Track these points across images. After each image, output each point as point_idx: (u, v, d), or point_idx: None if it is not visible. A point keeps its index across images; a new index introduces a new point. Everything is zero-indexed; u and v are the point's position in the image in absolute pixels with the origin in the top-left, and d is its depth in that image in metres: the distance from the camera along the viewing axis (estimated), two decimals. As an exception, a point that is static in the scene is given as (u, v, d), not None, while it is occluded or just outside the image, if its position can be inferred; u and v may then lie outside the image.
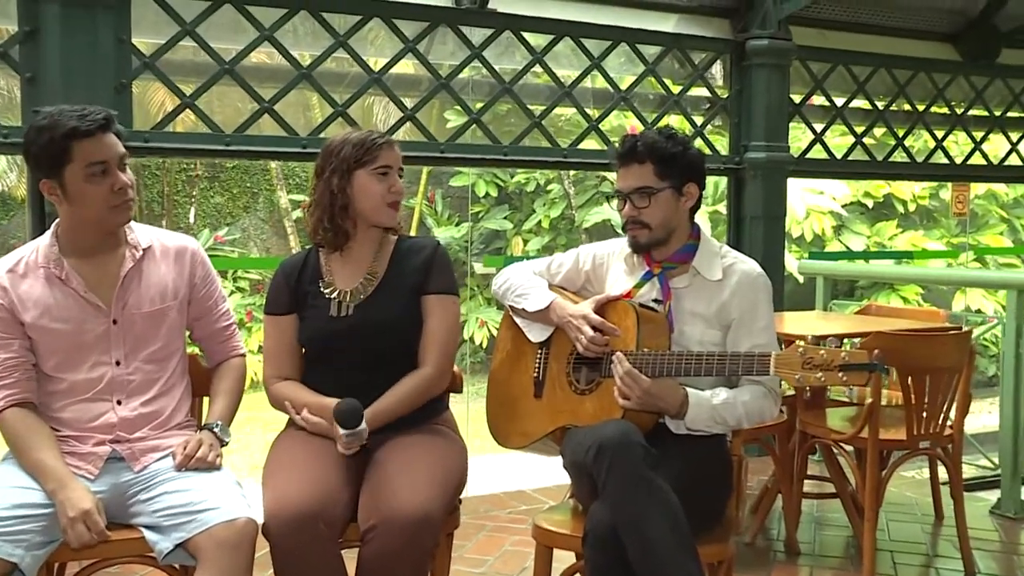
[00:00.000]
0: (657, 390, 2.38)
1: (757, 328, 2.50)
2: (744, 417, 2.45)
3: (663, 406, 2.41)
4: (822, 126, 5.56)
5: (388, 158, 2.53)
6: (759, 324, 2.51)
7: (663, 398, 2.39)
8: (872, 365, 2.18)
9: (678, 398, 2.41)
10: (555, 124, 12.01)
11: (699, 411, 2.42)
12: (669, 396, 2.40)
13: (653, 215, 2.55)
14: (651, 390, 2.37)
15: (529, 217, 13.47)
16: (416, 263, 2.53)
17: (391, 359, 2.47)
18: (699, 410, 2.42)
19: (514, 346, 2.77)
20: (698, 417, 2.42)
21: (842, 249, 12.39)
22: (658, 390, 2.38)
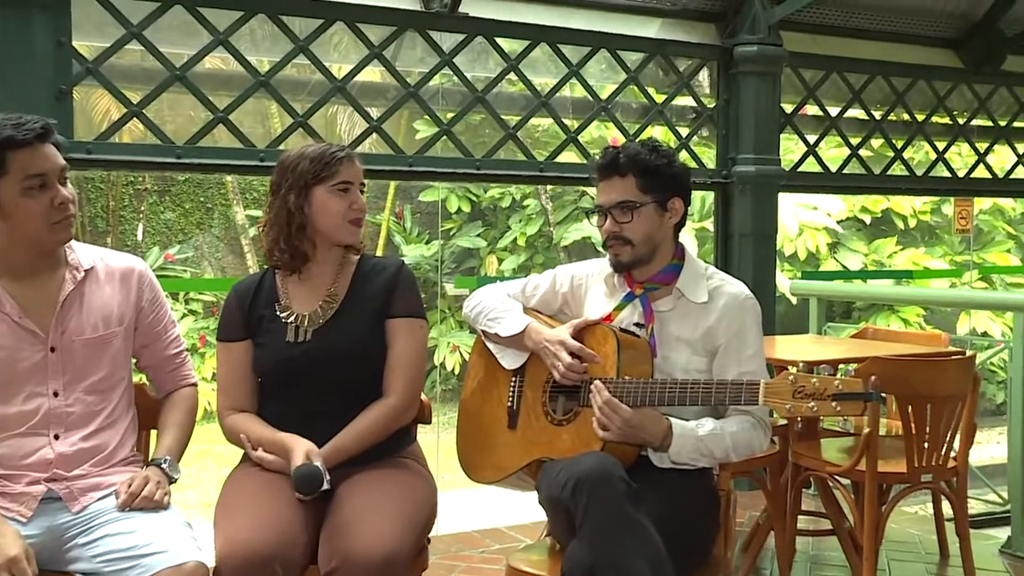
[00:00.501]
0: (638, 420, 2.39)
1: (745, 355, 2.53)
2: (732, 449, 2.47)
3: (645, 437, 2.42)
4: (815, 137, 5.61)
5: (348, 173, 2.54)
6: (747, 351, 2.53)
7: (645, 429, 2.41)
8: (867, 394, 2.20)
9: (661, 429, 2.42)
10: (531, 135, 12.04)
11: (683, 443, 2.43)
12: (651, 427, 2.41)
13: (635, 231, 2.57)
14: (632, 420, 2.39)
15: (504, 234, 13.47)
16: (379, 284, 2.54)
17: (353, 388, 2.47)
18: (683, 441, 2.43)
19: (486, 374, 2.78)
20: (683, 449, 2.44)
21: (838, 268, 12.46)
22: (639, 420, 2.40)
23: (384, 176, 4.81)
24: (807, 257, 12.20)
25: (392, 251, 13.52)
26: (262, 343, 2.52)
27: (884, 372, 3.09)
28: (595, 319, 2.61)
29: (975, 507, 5.14)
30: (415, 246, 13.64)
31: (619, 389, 2.43)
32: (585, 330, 2.60)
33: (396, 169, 4.54)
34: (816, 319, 5.36)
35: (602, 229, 2.63)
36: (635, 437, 2.41)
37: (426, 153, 4.62)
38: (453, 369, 12.38)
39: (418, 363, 2.54)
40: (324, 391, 2.45)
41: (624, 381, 2.44)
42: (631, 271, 2.63)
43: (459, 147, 4.67)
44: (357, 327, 2.50)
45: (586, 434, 2.45)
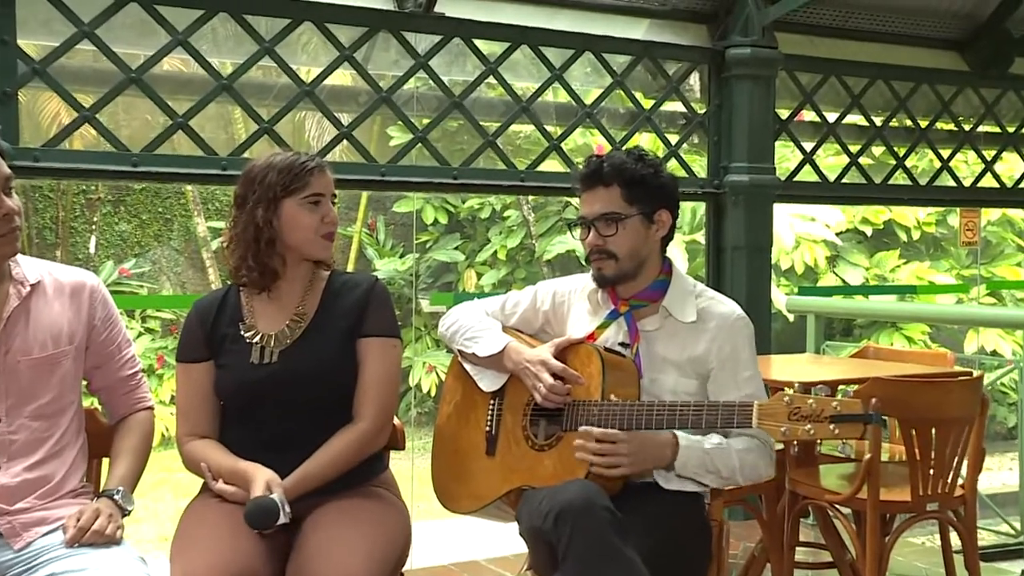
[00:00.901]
0: (640, 440, 2.41)
1: (742, 379, 2.56)
2: (738, 469, 2.49)
3: (653, 455, 2.44)
4: (812, 145, 5.64)
5: (319, 184, 2.54)
6: (743, 374, 2.56)
7: (646, 448, 2.43)
8: (867, 416, 2.22)
9: (665, 441, 2.45)
10: (512, 143, 12.09)
11: (690, 454, 2.46)
12: (654, 443, 2.44)
13: (620, 244, 2.59)
14: (634, 442, 2.40)
15: (483, 247, 13.50)
16: (351, 302, 2.54)
17: (322, 412, 2.46)
18: (689, 453, 2.46)
19: (463, 396, 2.78)
20: (688, 461, 2.46)
21: (837, 283, 12.52)
22: (641, 440, 2.42)
23: (356, 186, 4.81)
24: (804, 271, 12.25)
25: (364, 265, 13.51)
26: (225, 364, 2.52)
27: (886, 394, 3.10)
28: (578, 338, 2.62)
29: (986, 538, 5.14)
30: (389, 260, 13.64)
31: (604, 412, 2.44)
32: (568, 349, 2.61)
33: (368, 179, 4.54)
34: (814, 337, 5.39)
35: (585, 242, 2.65)
36: (645, 462, 2.44)
37: (400, 161, 4.62)
38: (429, 391, 12.36)
39: (391, 385, 2.54)
40: (291, 416, 2.45)
41: (609, 403, 2.45)
42: (615, 287, 2.65)
43: (435, 155, 4.68)
44: (326, 347, 2.49)
45: (569, 460, 2.46)
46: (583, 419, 2.48)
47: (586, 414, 2.48)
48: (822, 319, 5.47)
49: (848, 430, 2.22)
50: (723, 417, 2.37)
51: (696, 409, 2.39)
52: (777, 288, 11.27)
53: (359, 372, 2.50)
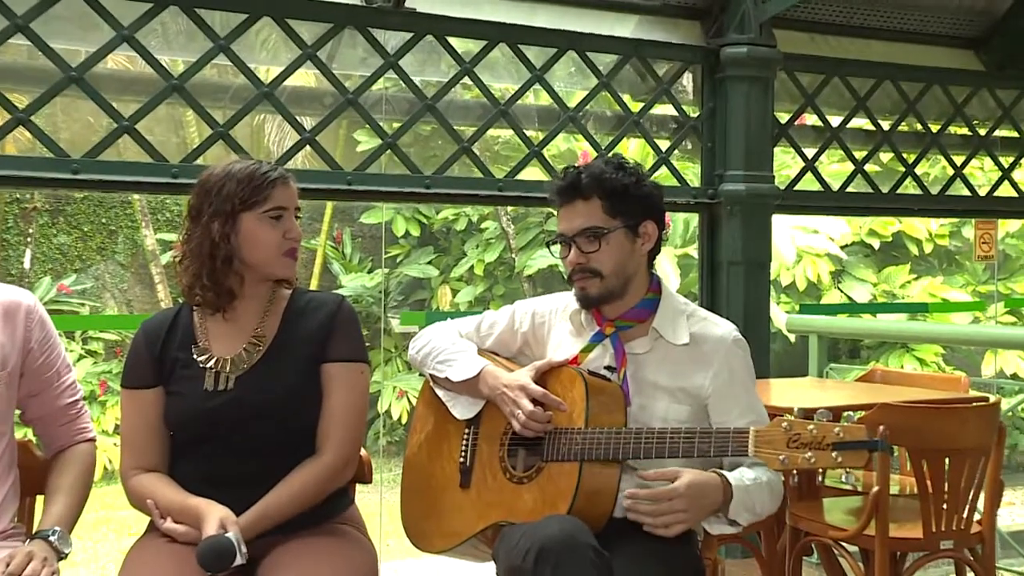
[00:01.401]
0: (697, 488, 2.42)
1: (742, 407, 2.58)
2: (768, 503, 2.53)
3: (713, 498, 2.45)
4: (814, 151, 5.68)
5: (282, 197, 2.55)
6: (743, 401, 2.59)
7: (706, 493, 2.44)
8: (872, 443, 2.23)
9: (717, 484, 2.46)
10: (489, 149, 12.12)
11: (739, 496, 2.47)
12: (710, 487, 2.45)
13: (604, 260, 2.61)
14: (690, 492, 2.41)
15: (459, 262, 13.49)
16: (315, 323, 2.55)
17: (282, 444, 2.47)
18: (739, 495, 2.48)
19: (435, 425, 2.79)
20: (740, 503, 2.47)
21: (842, 300, 12.55)
22: (698, 488, 2.43)
23: (320, 196, 4.81)
24: (807, 288, 12.29)
25: (329, 281, 13.48)
26: (175, 391, 2.51)
27: (895, 421, 3.12)
28: (560, 361, 2.64)
29: (1006, 580, 5.15)
30: (356, 275, 13.62)
31: (589, 441, 2.45)
32: (549, 373, 2.62)
33: (333, 188, 4.54)
34: (817, 359, 5.42)
35: (566, 260, 2.66)
36: (703, 509, 2.45)
37: (368, 169, 4.63)
38: (400, 418, 12.32)
39: (358, 414, 2.55)
40: (247, 448, 2.45)
41: (594, 432, 2.46)
42: (600, 307, 2.66)
43: (406, 162, 4.69)
44: (287, 373, 2.50)
45: (551, 494, 2.47)
46: (565, 448, 2.49)
47: (569, 443, 2.49)
48: (825, 340, 5.50)
49: (852, 458, 2.24)
50: (717, 445, 2.38)
51: (688, 436, 2.41)
52: (777, 306, 11.31)
53: (323, 400, 2.51)
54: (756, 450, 2.32)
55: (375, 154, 4.66)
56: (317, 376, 2.52)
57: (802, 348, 5.73)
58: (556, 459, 2.50)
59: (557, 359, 2.65)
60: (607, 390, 2.55)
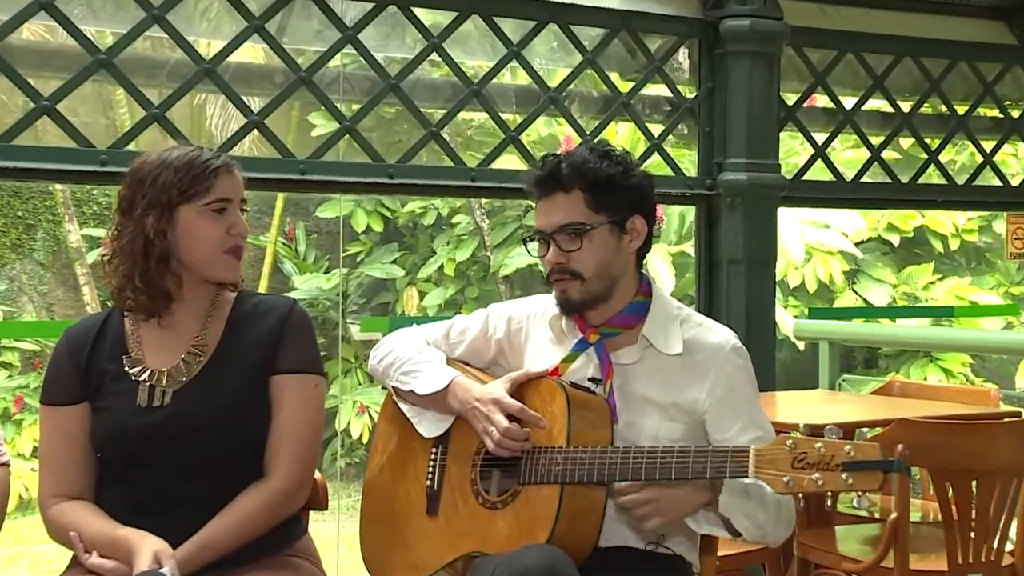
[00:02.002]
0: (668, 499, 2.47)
1: (745, 421, 2.60)
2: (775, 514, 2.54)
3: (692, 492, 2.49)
4: (826, 136, 5.70)
5: (226, 188, 2.55)
6: (744, 415, 2.61)
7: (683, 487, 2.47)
8: (887, 463, 2.24)
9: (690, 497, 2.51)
10: (461, 134, 12.11)
11: (732, 491, 2.50)
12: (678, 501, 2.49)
13: (586, 261, 2.62)
14: None
15: (427, 261, 13.47)
16: (263, 330, 2.56)
17: (226, 466, 2.47)
18: (733, 489, 2.50)
19: (399, 444, 2.80)
20: (732, 501, 2.50)
21: (857, 303, 12.55)
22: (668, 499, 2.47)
23: (270, 186, 4.80)
24: (817, 289, 12.29)
25: (280, 283, 13.45)
26: (103, 408, 2.52)
27: (915, 439, 3.13)
28: (539, 372, 2.65)
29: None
30: (311, 276, 13.59)
31: (571, 460, 2.46)
32: (526, 386, 2.64)
33: (285, 177, 4.53)
34: (828, 370, 5.44)
35: (544, 260, 2.68)
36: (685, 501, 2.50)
37: (324, 157, 4.61)
38: (360, 436, 12.29)
39: (312, 432, 2.56)
40: (186, 471, 2.45)
41: (577, 451, 2.47)
42: (584, 312, 2.68)
43: (367, 149, 4.69)
44: (232, 387, 2.51)
45: (528, 520, 2.48)
46: (545, 469, 2.50)
47: (548, 463, 2.50)
48: (838, 348, 5.52)
49: (865, 480, 2.25)
50: (713, 465, 2.39)
51: (681, 456, 2.42)
52: (784, 310, 11.32)
53: (272, 417, 2.52)
54: (757, 471, 2.33)
55: (332, 139, 4.65)
56: (266, 389, 2.53)
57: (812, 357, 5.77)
58: (534, 481, 2.51)
59: (535, 369, 2.67)
60: (591, 404, 2.57)
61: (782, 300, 11.40)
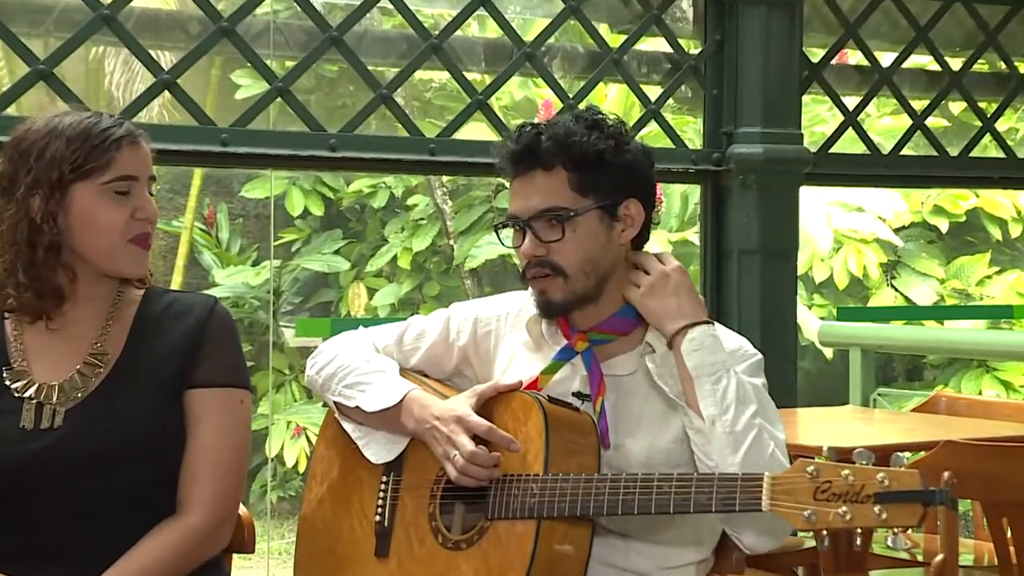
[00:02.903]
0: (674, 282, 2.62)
1: None
2: (765, 431, 2.56)
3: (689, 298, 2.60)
4: (858, 100, 5.73)
5: (130, 162, 2.54)
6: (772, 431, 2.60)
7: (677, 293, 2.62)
8: (927, 493, 2.24)
9: (690, 303, 2.64)
10: (418, 98, 12.09)
11: (705, 342, 2.59)
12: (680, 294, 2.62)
13: (570, 254, 2.63)
14: None
15: (376, 251, 13.43)
16: (176, 336, 2.56)
17: (130, 500, 2.48)
18: (706, 341, 2.59)
19: (342, 472, 2.81)
20: (703, 347, 2.58)
21: (897, 302, 12.57)
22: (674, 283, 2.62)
23: (185, 160, 4.78)
24: (849, 285, 12.30)
25: (198, 277, 13.41)
26: (-21, 431, 2.51)
27: (964, 465, 3.15)
28: (511, 384, 2.66)
29: None
30: (235, 269, 13.54)
31: (550, 491, 2.47)
32: (497, 401, 2.64)
33: (203, 149, 4.52)
34: (861, 382, 5.46)
35: (519, 251, 2.68)
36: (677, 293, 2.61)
37: (251, 124, 4.62)
38: (296, 464, 12.26)
39: (235, 458, 2.57)
40: (81, 509, 2.45)
41: (556, 479, 2.48)
42: (568, 315, 2.69)
43: (303, 115, 4.69)
44: (139, 404, 2.51)
45: (498, 563, 2.49)
46: (518, 502, 2.50)
47: (522, 495, 2.50)
48: (873, 355, 5.55)
49: (902, 515, 2.24)
50: (720, 495, 2.39)
51: (682, 484, 2.42)
52: (808, 310, 11.34)
53: (188, 440, 2.52)
54: (772, 502, 2.33)
55: (260, 104, 4.66)
56: (179, 407, 2.53)
57: (842, 367, 5.79)
58: (505, 516, 2.52)
59: (507, 381, 2.68)
60: (574, 424, 2.57)
61: (805, 298, 11.39)
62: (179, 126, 4.63)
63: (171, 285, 11.75)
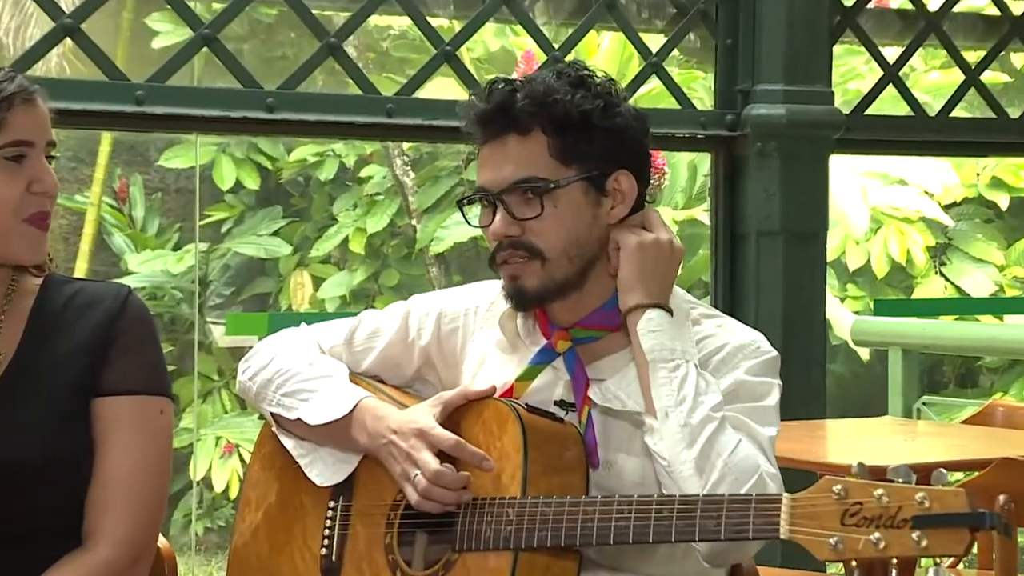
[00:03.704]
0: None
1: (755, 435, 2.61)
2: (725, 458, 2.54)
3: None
4: (899, 51, 5.75)
5: (25, 125, 2.54)
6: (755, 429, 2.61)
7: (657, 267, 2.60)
8: (977, 516, 2.24)
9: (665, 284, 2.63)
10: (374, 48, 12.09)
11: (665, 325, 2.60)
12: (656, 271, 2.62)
13: (550, 233, 2.64)
14: None
15: (323, 233, 13.44)
16: (82, 333, 2.57)
17: (27, 529, 2.49)
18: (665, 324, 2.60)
19: (281, 496, 2.82)
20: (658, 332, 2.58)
21: (947, 293, 12.59)
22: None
23: (91, 122, 4.78)
24: (889, 273, 12.34)
25: (107, 264, 13.39)
26: None
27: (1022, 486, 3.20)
28: (482, 391, 2.66)
29: None
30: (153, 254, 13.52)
31: (529, 517, 2.47)
32: (465, 411, 2.65)
33: (114, 109, 4.53)
34: (902, 388, 5.48)
35: (489, 231, 2.69)
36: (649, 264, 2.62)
37: (171, 80, 4.63)
38: (227, 489, 12.27)
39: (154, 480, 2.57)
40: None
41: (537, 502, 2.48)
42: (547, 307, 2.70)
43: (235, 69, 4.69)
44: (37, 415, 2.51)
45: (469, 601, 2.51)
46: (490, 530, 2.51)
47: (496, 522, 2.51)
48: (916, 357, 5.56)
49: (946, 542, 2.24)
50: (731, 521, 2.39)
51: (684, 507, 2.42)
52: (839, 303, 11.37)
53: (96, 458, 2.53)
54: (792, 527, 2.33)
55: (183, 55, 4.66)
56: (85, 418, 2.54)
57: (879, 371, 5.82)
58: (476, 548, 2.52)
59: (478, 387, 2.68)
60: (558, 437, 2.58)
61: (837, 289, 11.43)
62: (84, 81, 4.65)
63: (74, 273, 11.72)
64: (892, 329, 5.81)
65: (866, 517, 2.29)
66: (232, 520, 12.17)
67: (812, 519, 2.34)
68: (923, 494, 2.25)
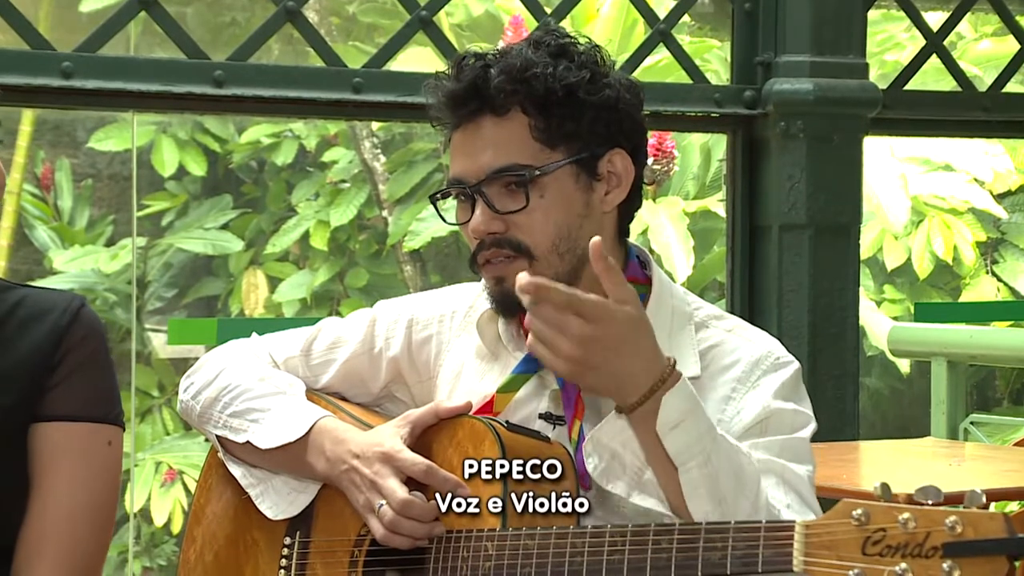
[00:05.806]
0: (634, 326, 2.39)
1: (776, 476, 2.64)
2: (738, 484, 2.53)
3: (631, 362, 2.41)
4: (944, 17, 5.78)
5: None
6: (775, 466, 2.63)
7: (638, 350, 2.40)
8: (1016, 542, 2.27)
9: (654, 355, 2.43)
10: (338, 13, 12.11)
11: (682, 402, 2.44)
12: (648, 342, 2.42)
13: (537, 228, 2.66)
14: (620, 328, 2.36)
15: (279, 226, 13.46)
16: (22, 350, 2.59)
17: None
18: (683, 402, 2.45)
19: (230, 532, 2.85)
20: (685, 424, 2.44)
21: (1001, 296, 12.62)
22: (636, 326, 2.39)
23: (11, 98, 4.82)
24: (933, 272, 12.38)
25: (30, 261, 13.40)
26: None
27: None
28: (457, 407, 2.69)
29: None
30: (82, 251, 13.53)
31: (509, 551, 2.50)
32: (437, 430, 2.68)
33: (36, 83, 4.56)
34: (947, 405, 5.51)
35: (468, 228, 2.70)
36: (616, 375, 2.41)
37: (103, 49, 4.65)
38: (168, 523, 12.29)
39: (96, 522, 2.61)
40: None
41: (519, 534, 2.52)
42: (530, 313, 2.73)
43: (177, 37, 4.72)
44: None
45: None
46: (467, 567, 2.54)
47: (473, 557, 2.54)
48: (964, 369, 5.59)
49: (979, 571, 2.26)
50: (737, 551, 2.42)
51: (685, 537, 2.44)
52: (876, 307, 11.39)
53: (31, 494, 2.56)
54: (808, 559, 2.36)
55: (116, 21, 4.68)
56: (22, 448, 2.57)
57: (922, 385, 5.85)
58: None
59: (452, 403, 2.70)
60: (543, 459, 2.60)
61: (872, 291, 11.46)
62: (1, 50, 4.65)
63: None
64: (936, 337, 5.83)
65: (890, 545, 2.32)
66: (175, 559, 12.23)
67: (830, 548, 2.37)
68: (955, 518, 2.28)
